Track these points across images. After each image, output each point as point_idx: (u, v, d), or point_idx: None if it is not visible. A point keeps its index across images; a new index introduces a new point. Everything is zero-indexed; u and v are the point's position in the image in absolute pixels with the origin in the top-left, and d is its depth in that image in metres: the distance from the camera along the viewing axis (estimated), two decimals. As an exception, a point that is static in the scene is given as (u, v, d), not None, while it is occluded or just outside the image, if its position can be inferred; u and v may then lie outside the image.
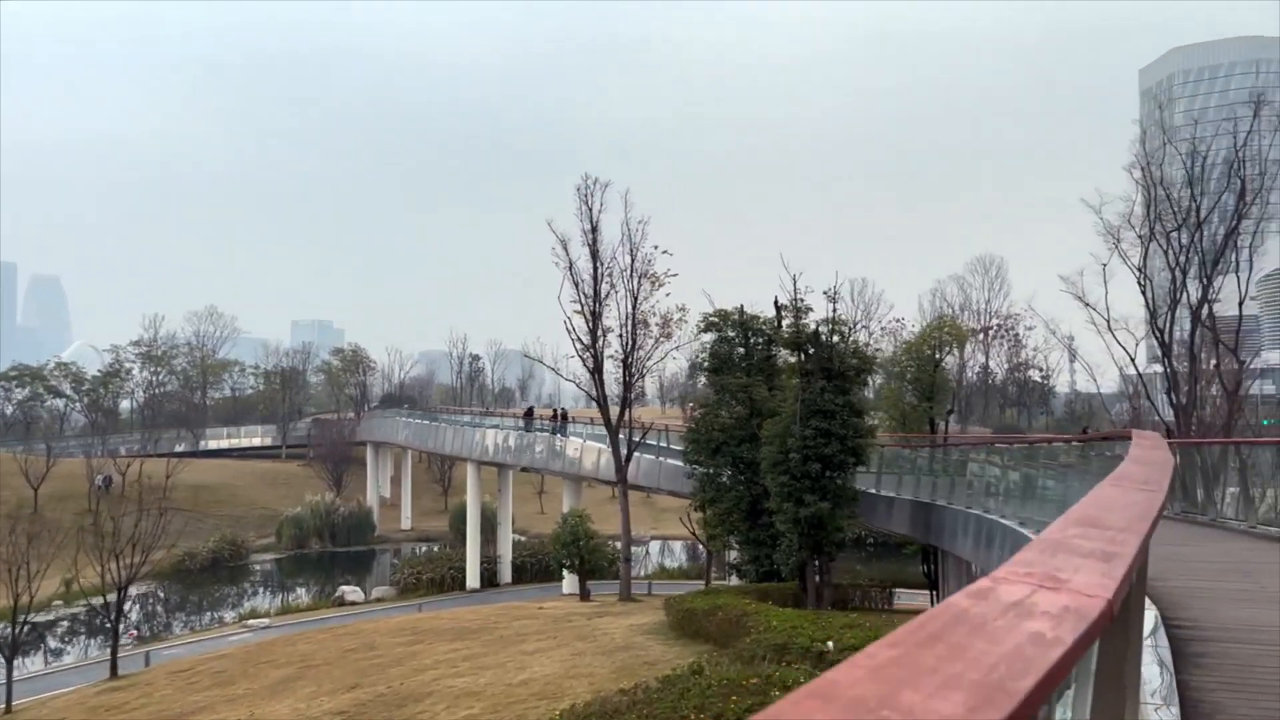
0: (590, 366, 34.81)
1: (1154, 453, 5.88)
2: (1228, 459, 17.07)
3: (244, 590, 58.79)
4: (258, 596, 57.03)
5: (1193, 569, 10.89)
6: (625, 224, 34.75)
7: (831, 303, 26.20)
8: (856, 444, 24.94)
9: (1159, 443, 7.12)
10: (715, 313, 32.77)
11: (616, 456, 34.81)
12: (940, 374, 45.08)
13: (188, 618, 52.25)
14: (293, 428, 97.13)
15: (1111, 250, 30.22)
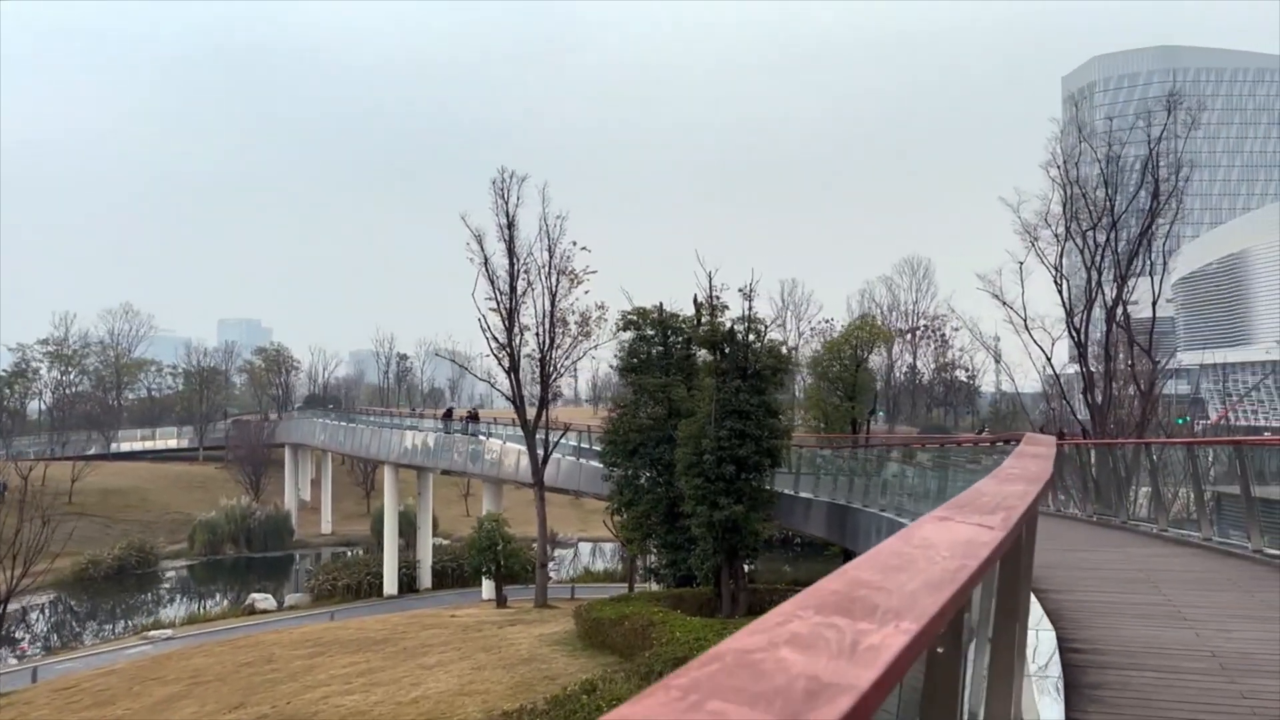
0: (506, 366, 33.72)
1: (1037, 449, 6.11)
2: (1140, 460, 16.71)
3: (151, 599, 56.32)
4: (166, 605, 54.65)
5: (1099, 579, 10.32)
6: (543, 219, 33.80)
7: (747, 300, 25.57)
8: (772, 445, 24.30)
9: (1043, 444, 6.62)
10: (633, 311, 31.94)
11: (533, 458, 33.79)
12: (863, 374, 44.93)
13: (86, 629, 49.75)
14: (211, 429, 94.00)
15: (1028, 249, 30.24)
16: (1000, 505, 2.69)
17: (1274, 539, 12.17)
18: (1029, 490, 3.31)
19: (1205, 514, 13.77)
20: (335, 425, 63.84)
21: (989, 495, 2.97)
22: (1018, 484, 3.62)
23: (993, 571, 2.76)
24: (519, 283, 33.77)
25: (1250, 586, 9.51)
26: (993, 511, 2.55)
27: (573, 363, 34.83)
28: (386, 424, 55.17)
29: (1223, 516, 14.57)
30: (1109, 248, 29.58)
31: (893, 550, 1.67)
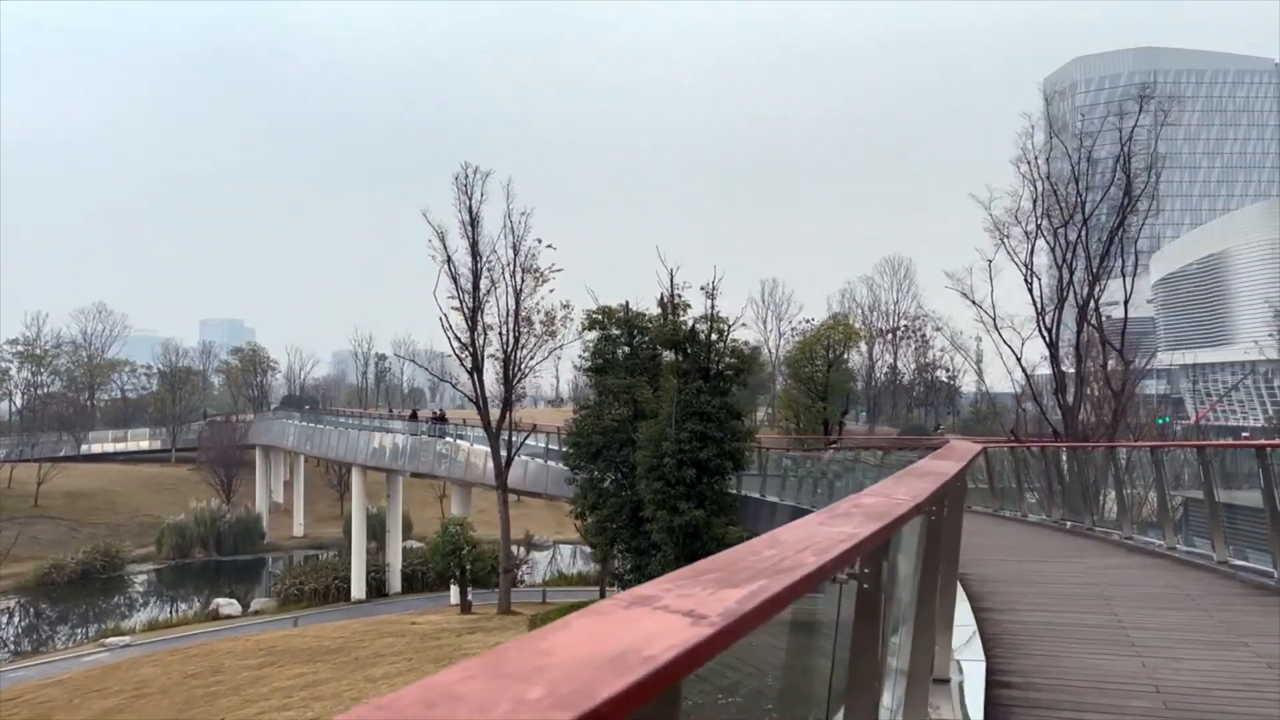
0: (469, 366, 32.90)
1: (951, 451, 6.17)
2: (1105, 464, 16.08)
3: (114, 605, 55.13)
4: (129, 611, 53.50)
5: (1049, 595, 9.63)
6: (507, 215, 33.02)
7: (710, 299, 24.80)
8: (734, 448, 23.57)
9: (957, 449, 6.21)
10: (599, 310, 31.19)
11: (496, 460, 32.98)
12: (841, 374, 44.28)
13: (46, 636, 48.59)
14: (185, 430, 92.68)
15: (998, 246, 29.66)
16: (864, 512, 2.77)
17: (1239, 549, 11.55)
18: (893, 504, 3.07)
19: (1169, 521, 13.14)
20: (305, 427, 62.83)
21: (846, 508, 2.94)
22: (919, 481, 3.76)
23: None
24: (482, 281, 32.99)
25: (1209, 603, 8.85)
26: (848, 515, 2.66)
27: (537, 363, 34.08)
28: (354, 425, 54.21)
29: (1190, 524, 13.96)
30: (1080, 245, 29.02)
31: (749, 548, 1.83)
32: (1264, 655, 6.63)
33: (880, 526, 2.43)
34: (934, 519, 4.12)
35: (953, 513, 5.45)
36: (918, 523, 4.50)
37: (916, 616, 4.41)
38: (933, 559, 4.45)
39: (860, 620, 2.95)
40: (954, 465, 4.37)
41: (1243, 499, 12.04)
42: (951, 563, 5.80)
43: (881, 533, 2.45)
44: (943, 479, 3.67)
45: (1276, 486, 10.09)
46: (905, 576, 4.34)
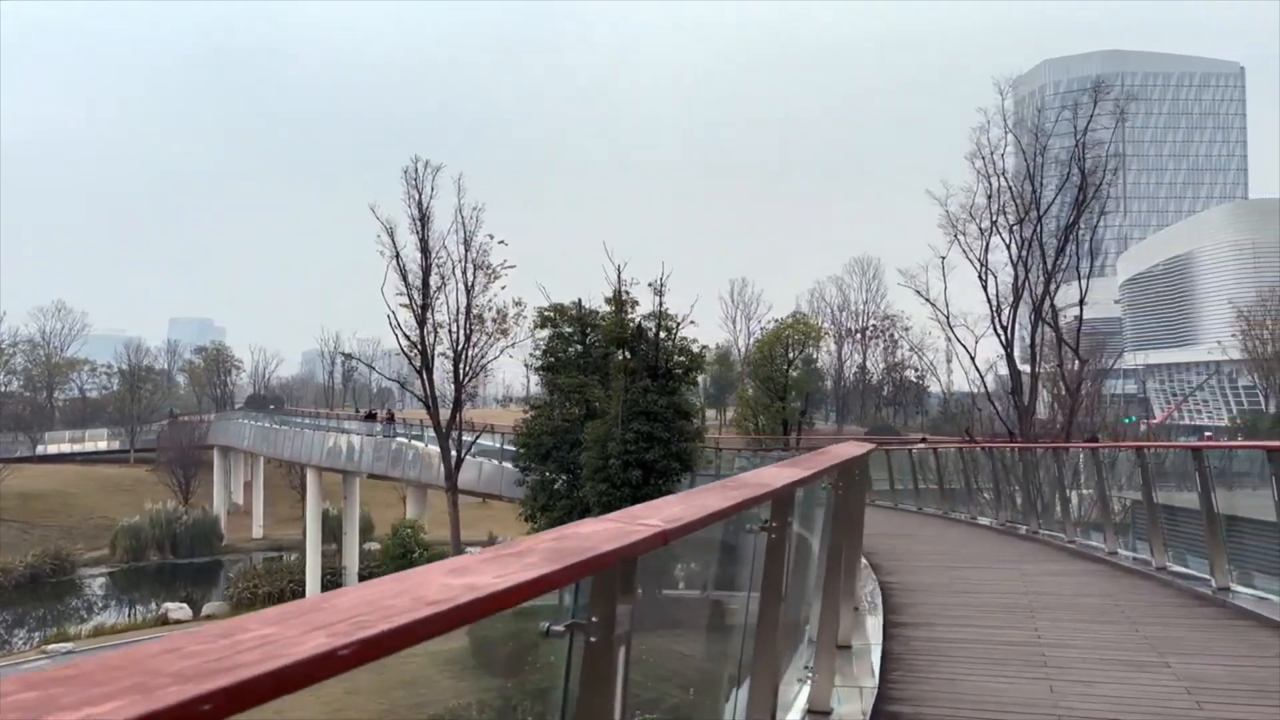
0: (418, 365, 32.11)
1: (829, 449, 6.41)
2: (1052, 465, 15.56)
3: (63, 609, 53.71)
4: (79, 616, 52.13)
5: (973, 607, 9.06)
6: (458, 211, 32.26)
7: (658, 295, 24.17)
8: (682, 449, 22.91)
9: (835, 449, 6.01)
10: (551, 307, 30.47)
11: (446, 461, 32.21)
12: (808, 373, 43.83)
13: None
14: (144, 430, 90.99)
15: (951, 242, 29.26)
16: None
17: (1179, 554, 11.06)
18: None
19: (1110, 525, 12.64)
20: (262, 427, 61.70)
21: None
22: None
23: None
24: (432, 278, 32.21)
25: (1139, 616, 8.32)
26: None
27: (489, 362, 33.32)
28: (309, 426, 53.18)
29: (1135, 528, 13.47)
30: (1036, 242, 28.66)
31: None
32: (1184, 678, 6.08)
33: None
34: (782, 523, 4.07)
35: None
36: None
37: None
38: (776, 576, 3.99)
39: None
40: (787, 474, 3.79)
41: (1184, 501, 11.55)
42: (836, 562, 5.92)
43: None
44: (749, 494, 3.08)
45: (1213, 489, 9.63)
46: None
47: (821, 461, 4.68)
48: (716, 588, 4.68)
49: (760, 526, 3.88)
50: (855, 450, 5.68)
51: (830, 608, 5.60)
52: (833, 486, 5.69)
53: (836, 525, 5.79)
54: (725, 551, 4.38)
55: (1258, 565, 9.64)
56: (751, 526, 3.95)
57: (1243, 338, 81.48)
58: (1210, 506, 9.42)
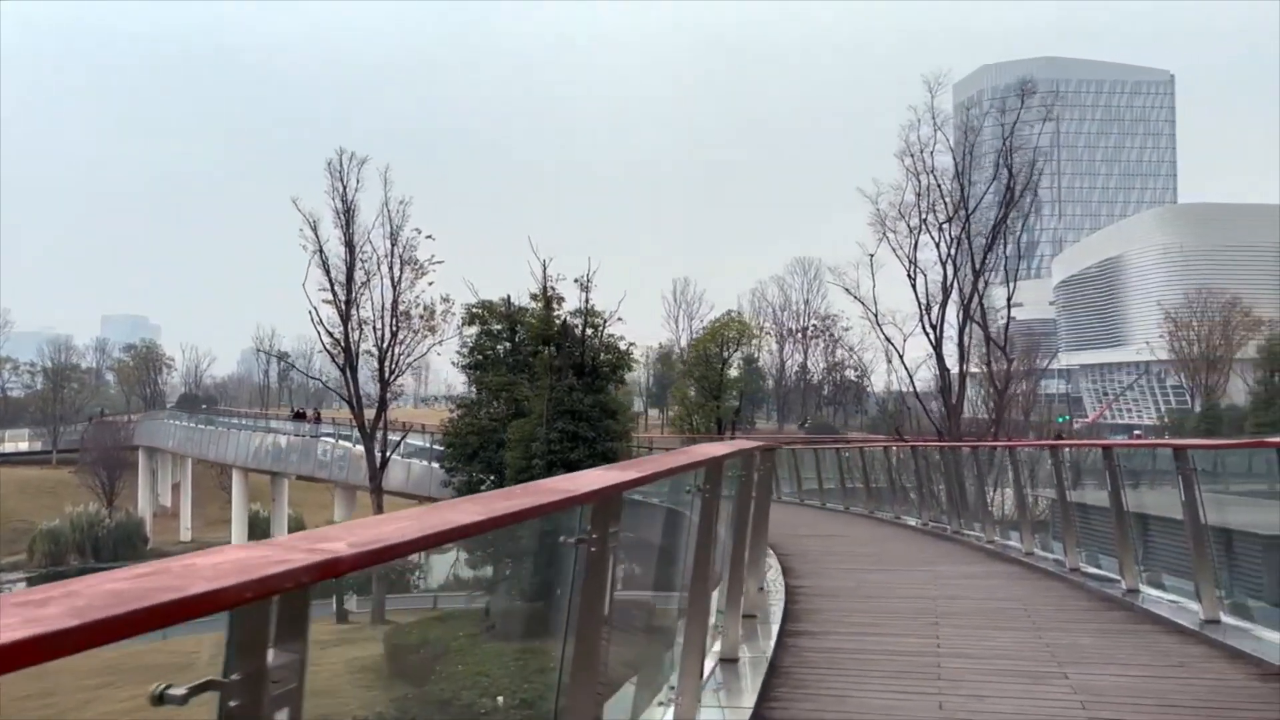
0: (340, 363, 31.20)
1: (691, 448, 6.51)
2: (973, 463, 15.34)
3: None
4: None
5: (879, 612, 8.69)
6: (385, 204, 31.45)
7: (584, 292, 23.66)
8: (608, 448, 22.39)
9: (697, 449, 5.96)
10: (479, 304, 29.78)
11: (370, 462, 31.35)
12: (749, 372, 43.63)
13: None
14: (68, 431, 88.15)
15: (880, 239, 29.21)
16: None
17: (1092, 555, 10.84)
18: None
19: (1028, 525, 12.41)
20: (188, 427, 59.93)
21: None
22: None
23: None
24: (357, 273, 31.33)
25: (1045, 621, 8.00)
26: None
27: (415, 360, 32.50)
28: (236, 426, 51.70)
29: (1053, 527, 13.28)
30: (965, 239, 28.71)
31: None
32: (1081, 690, 5.72)
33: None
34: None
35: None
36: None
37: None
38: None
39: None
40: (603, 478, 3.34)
41: (1097, 499, 11.33)
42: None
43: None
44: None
45: (1123, 487, 9.39)
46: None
47: (667, 462, 4.20)
48: (527, 625, 4.21)
49: (578, 539, 3.30)
50: (720, 450, 5.21)
51: (697, 621, 5.14)
52: (698, 490, 5.29)
53: (705, 532, 5.36)
54: (539, 568, 3.87)
55: (1166, 565, 9.43)
56: (567, 538, 3.39)
57: (1170, 339, 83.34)
58: (1120, 505, 9.17)
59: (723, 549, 6.65)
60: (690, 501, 5.55)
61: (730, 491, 6.90)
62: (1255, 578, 9.59)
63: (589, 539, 3.27)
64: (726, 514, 6.69)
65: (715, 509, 5.45)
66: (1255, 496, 13.20)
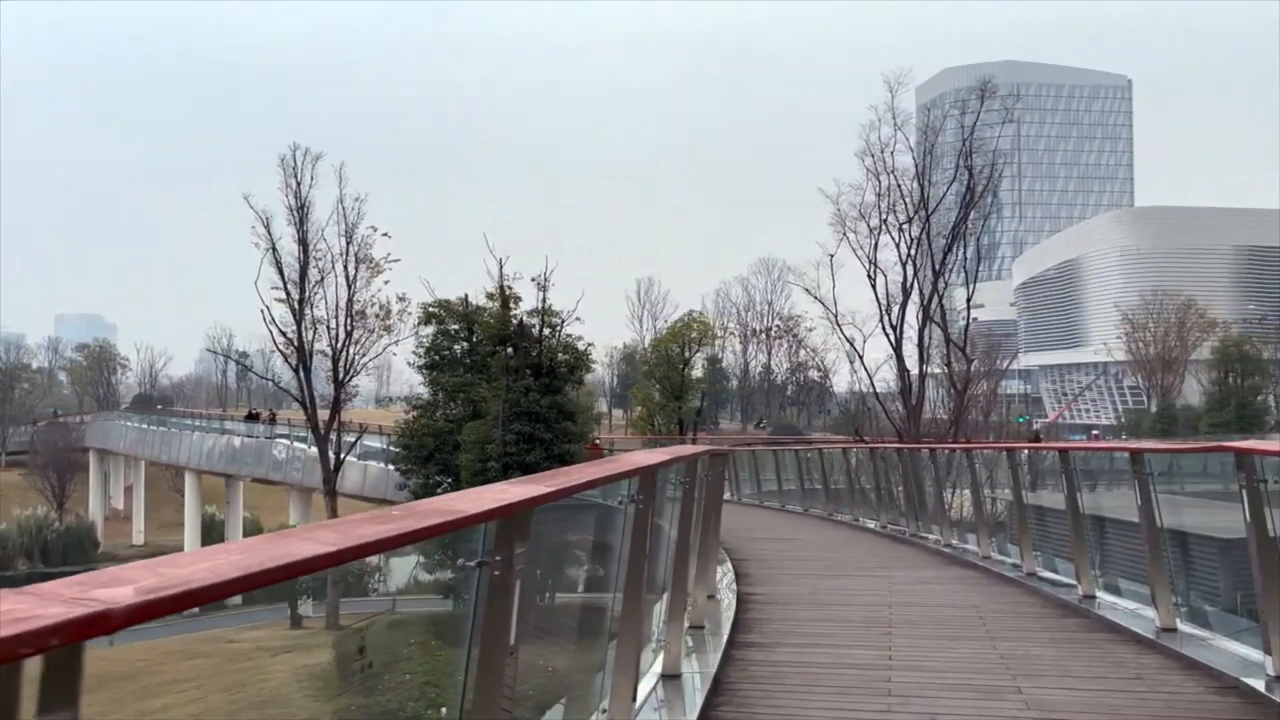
0: (294, 362, 30.58)
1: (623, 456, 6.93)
2: (932, 465, 15.20)
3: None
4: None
5: (830, 622, 8.44)
6: (340, 201, 30.88)
7: (542, 291, 23.29)
8: (565, 450, 22.03)
9: (629, 457, 6.21)
10: (436, 303, 29.29)
11: (324, 464, 30.73)
12: (714, 372, 43.46)
13: None
14: (17, 432, 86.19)
15: (840, 239, 29.18)
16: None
17: (1047, 559, 10.68)
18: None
19: (985, 528, 12.26)
20: (141, 429, 58.68)
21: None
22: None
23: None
24: (311, 271, 30.74)
25: (1000, 630, 7.79)
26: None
27: (370, 360, 31.96)
28: (189, 427, 50.69)
29: (1009, 531, 13.14)
30: (925, 239, 28.70)
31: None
32: (1034, 706, 5.49)
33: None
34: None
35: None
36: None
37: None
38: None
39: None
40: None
41: (1053, 502, 11.19)
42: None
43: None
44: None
45: (1079, 488, 9.23)
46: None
47: (590, 473, 3.89)
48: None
49: (479, 561, 3.01)
50: (656, 458, 4.88)
51: (630, 639, 4.91)
52: (630, 500, 5.02)
53: (638, 545, 5.04)
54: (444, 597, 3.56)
55: (1122, 570, 9.28)
56: (466, 561, 3.13)
57: (1127, 340, 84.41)
58: (1076, 510, 9.00)
59: (666, 559, 6.59)
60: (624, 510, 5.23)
61: (676, 494, 6.79)
62: (1211, 582, 9.48)
63: (491, 561, 2.97)
64: (672, 522, 6.69)
65: (649, 520, 5.18)
66: (1210, 498, 13.16)
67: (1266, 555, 5.79)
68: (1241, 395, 59.84)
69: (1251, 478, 5.79)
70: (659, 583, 6.51)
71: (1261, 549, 5.76)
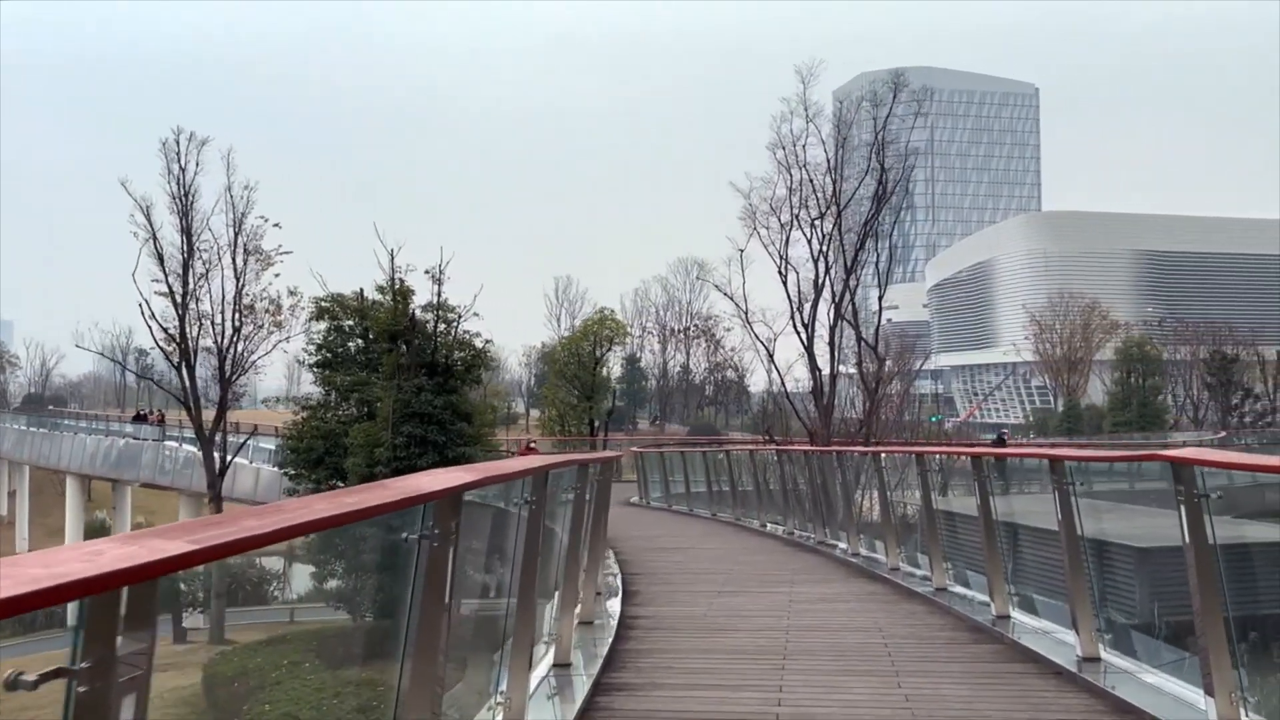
0: (175, 360, 28.66)
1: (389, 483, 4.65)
2: (841, 469, 14.39)
3: None
4: None
5: (718, 653, 7.44)
6: (228, 189, 29.04)
7: (436, 284, 21.96)
8: (460, 454, 20.71)
9: (401, 482, 4.45)
10: (329, 297, 27.67)
11: (209, 468, 28.86)
12: (633, 372, 42.47)
13: None
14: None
15: (750, 234, 28.48)
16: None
17: (959, 573, 9.89)
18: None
19: (894, 537, 11.45)
20: (23, 430, 55.23)
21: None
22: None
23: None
24: (196, 263, 28.85)
25: (905, 660, 6.89)
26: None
27: (259, 357, 30.12)
28: (73, 429, 47.78)
29: (919, 540, 12.36)
30: (837, 233, 28.17)
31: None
32: (942, 769, 4.57)
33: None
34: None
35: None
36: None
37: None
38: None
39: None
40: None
41: (964, 507, 10.39)
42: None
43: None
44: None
45: (992, 493, 8.44)
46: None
47: (313, 510, 2.76)
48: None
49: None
50: (438, 484, 3.72)
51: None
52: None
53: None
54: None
55: (1040, 585, 8.51)
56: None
57: (1035, 341, 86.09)
58: (990, 522, 8.19)
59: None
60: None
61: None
62: (1130, 600, 8.77)
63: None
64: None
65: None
66: (1120, 500, 12.56)
67: (1208, 580, 4.97)
68: (1143, 395, 61.19)
69: (1191, 491, 4.97)
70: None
71: (1202, 574, 4.94)
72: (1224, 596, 4.92)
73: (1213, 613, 4.90)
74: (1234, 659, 4.82)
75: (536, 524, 5.47)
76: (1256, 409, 60.58)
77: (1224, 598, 4.92)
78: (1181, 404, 69.23)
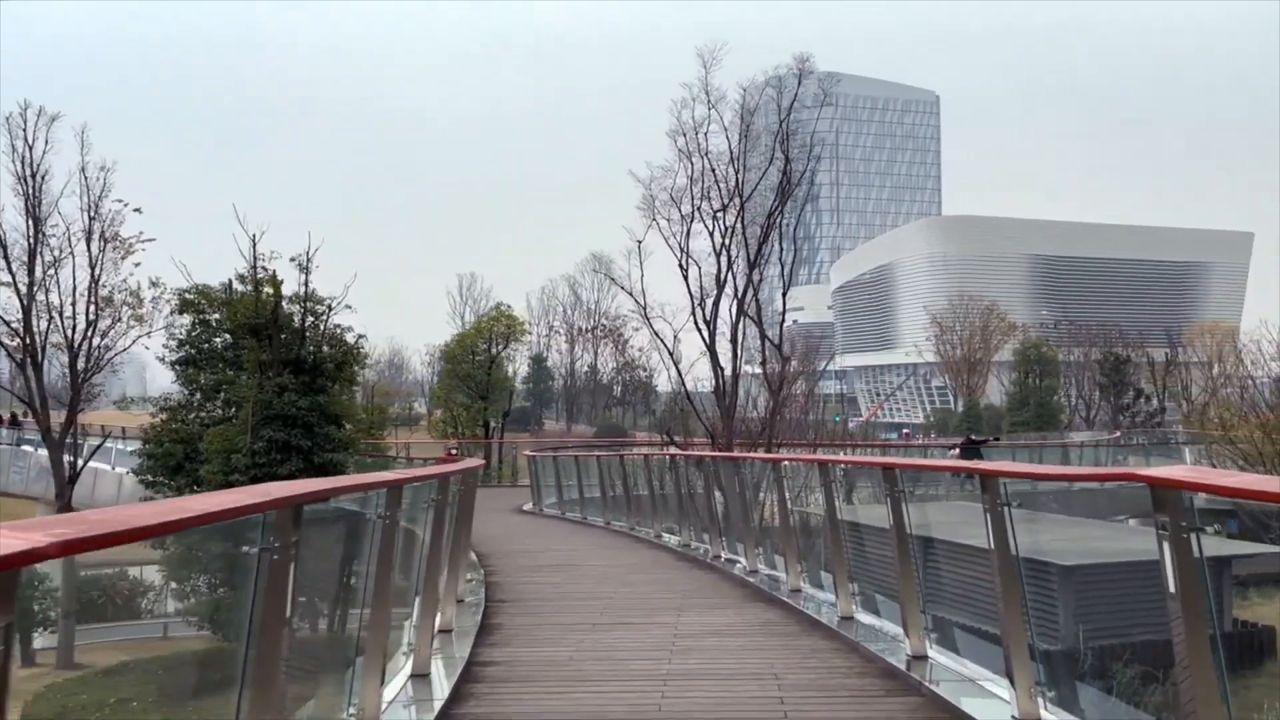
0: (19, 357, 26.00)
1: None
2: (739, 477, 13.13)
3: None
4: None
5: (577, 712, 6.01)
6: (82, 169, 26.47)
7: (303, 273, 20.02)
8: (329, 460, 18.84)
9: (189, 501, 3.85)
10: (193, 289, 25.37)
11: (58, 475, 26.23)
12: (539, 371, 40.73)
13: None
14: None
15: (649, 225, 27.25)
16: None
17: (868, 598, 8.66)
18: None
19: (794, 555, 10.20)
20: None
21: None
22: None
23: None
24: (46, 251, 26.23)
25: (805, 704, 5.58)
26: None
27: (116, 354, 27.55)
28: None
29: (823, 557, 11.15)
30: (740, 228, 27.13)
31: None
32: None
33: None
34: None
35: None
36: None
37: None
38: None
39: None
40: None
41: (874, 518, 9.18)
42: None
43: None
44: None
45: (907, 514, 7.23)
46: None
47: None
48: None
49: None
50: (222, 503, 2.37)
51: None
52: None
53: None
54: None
55: (964, 619, 7.33)
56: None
57: (936, 342, 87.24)
58: (905, 546, 6.93)
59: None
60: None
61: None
62: (1066, 630, 7.68)
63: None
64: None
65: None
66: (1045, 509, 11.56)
67: (1196, 633, 3.74)
68: (1040, 395, 62.24)
69: (1178, 523, 3.74)
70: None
71: (1191, 630, 3.70)
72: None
73: (1203, 673, 3.67)
74: None
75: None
76: (1147, 409, 62.11)
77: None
78: (1075, 404, 70.74)
